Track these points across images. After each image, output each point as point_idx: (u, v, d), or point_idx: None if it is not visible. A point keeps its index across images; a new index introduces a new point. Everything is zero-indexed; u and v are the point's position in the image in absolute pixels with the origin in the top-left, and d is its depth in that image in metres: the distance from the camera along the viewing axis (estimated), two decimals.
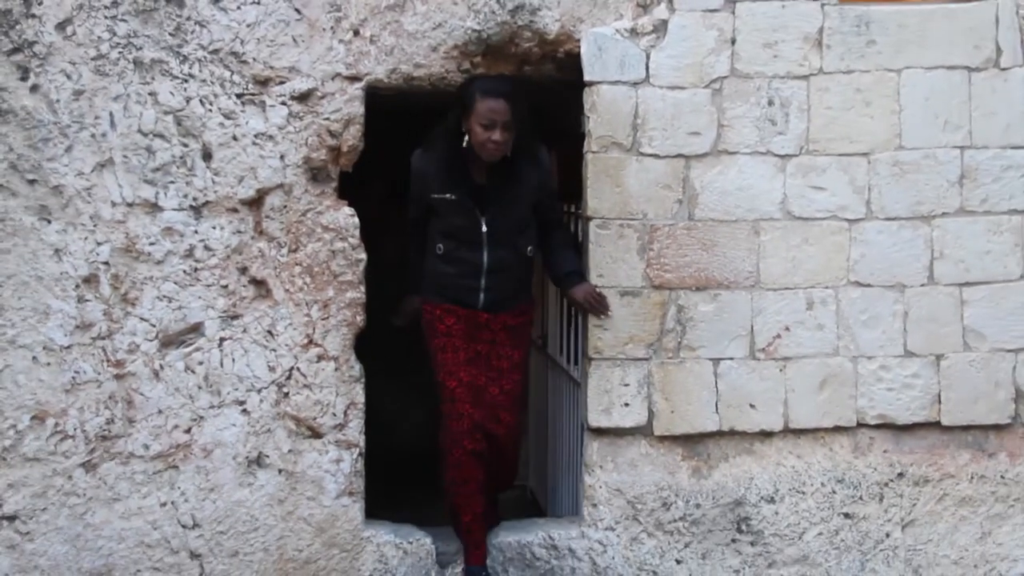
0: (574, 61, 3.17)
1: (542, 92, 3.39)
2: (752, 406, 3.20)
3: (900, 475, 3.23)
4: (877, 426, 3.24)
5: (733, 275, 3.18)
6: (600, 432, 3.20)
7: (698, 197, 3.17)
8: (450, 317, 3.15)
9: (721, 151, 3.16)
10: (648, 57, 3.14)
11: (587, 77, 3.14)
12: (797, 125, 3.17)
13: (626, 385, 3.18)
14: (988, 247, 3.20)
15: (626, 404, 3.18)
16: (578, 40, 3.16)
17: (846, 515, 3.23)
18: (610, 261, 3.17)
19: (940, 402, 3.22)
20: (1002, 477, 3.24)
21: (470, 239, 3.10)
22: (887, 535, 3.24)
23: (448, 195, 3.08)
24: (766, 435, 3.23)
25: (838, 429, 3.23)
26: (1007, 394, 3.23)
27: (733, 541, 3.22)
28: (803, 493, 3.22)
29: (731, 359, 3.19)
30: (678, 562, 3.21)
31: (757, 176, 3.17)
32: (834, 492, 3.22)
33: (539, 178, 3.18)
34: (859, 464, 3.24)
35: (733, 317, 3.18)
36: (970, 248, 3.19)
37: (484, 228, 3.08)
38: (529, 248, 3.20)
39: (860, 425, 3.23)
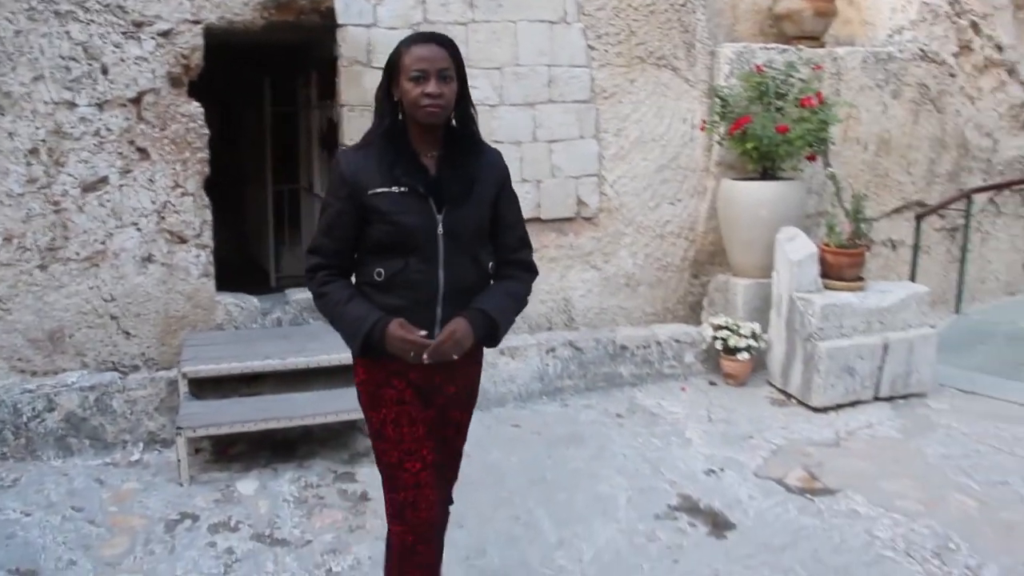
0: (330, 12, 5.22)
1: (312, 30, 5.41)
2: None
3: None
4: None
5: None
6: None
7: None
8: (398, 378, 2.45)
9: None
10: (375, 10, 5.27)
11: (340, 22, 5.21)
12: (462, 48, 5.46)
13: None
14: (563, 120, 5.76)
15: None
16: (331, 1, 5.21)
17: None
18: (354, 130, 5.36)
19: (540, 207, 5.81)
20: (571, 246, 5.94)
21: (422, 248, 2.37)
22: None
23: (394, 188, 2.34)
24: None
25: None
26: (573, 201, 5.89)
27: None
28: None
29: None
30: None
31: None
32: None
33: (496, 171, 2.53)
34: None
35: None
36: (554, 121, 5.74)
37: (441, 229, 2.37)
38: (491, 264, 2.53)
39: None
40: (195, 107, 5.01)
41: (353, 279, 2.53)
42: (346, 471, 4.42)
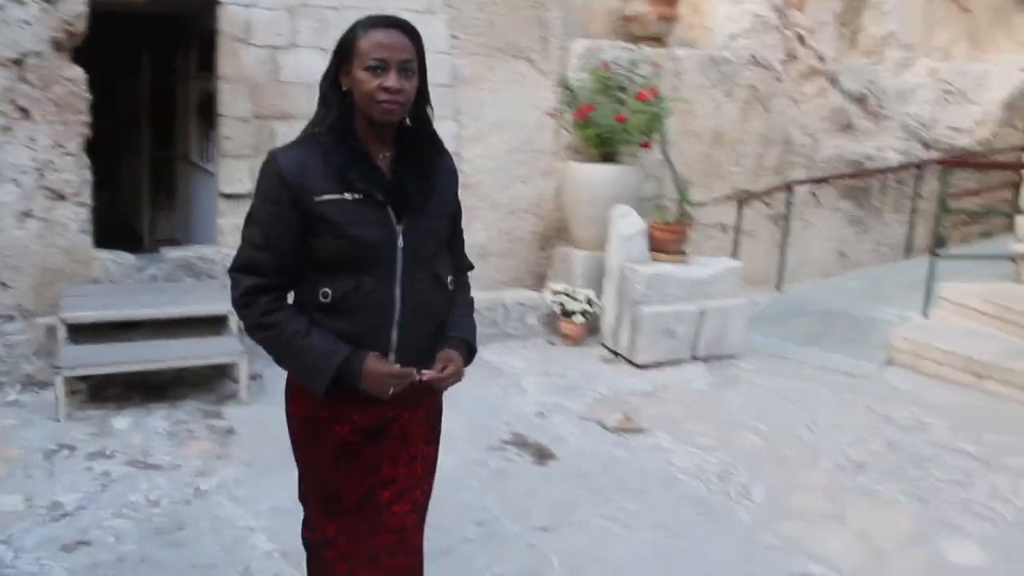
0: None
1: (193, 4, 5.78)
2: None
3: None
4: None
5: (299, 111, 5.91)
6: (228, 196, 5.89)
7: (281, 69, 5.85)
8: (342, 422, 2.14)
9: (293, 45, 5.85)
10: None
11: (220, 0, 5.62)
12: (334, 33, 5.91)
13: (241, 170, 5.87)
14: None
15: (240, 180, 5.89)
16: None
17: None
18: (232, 101, 5.77)
19: None
20: None
21: (378, 264, 2.06)
22: None
23: (346, 194, 2.02)
24: None
25: None
26: None
27: None
28: None
29: None
30: None
31: (313, 59, 5.91)
32: None
33: (453, 178, 2.27)
34: None
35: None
36: None
37: (400, 242, 2.06)
38: (451, 279, 2.25)
39: None
40: (78, 72, 5.33)
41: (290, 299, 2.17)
42: (214, 410, 4.86)
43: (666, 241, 6.03)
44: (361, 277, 2.07)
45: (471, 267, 2.43)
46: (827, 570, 3.50)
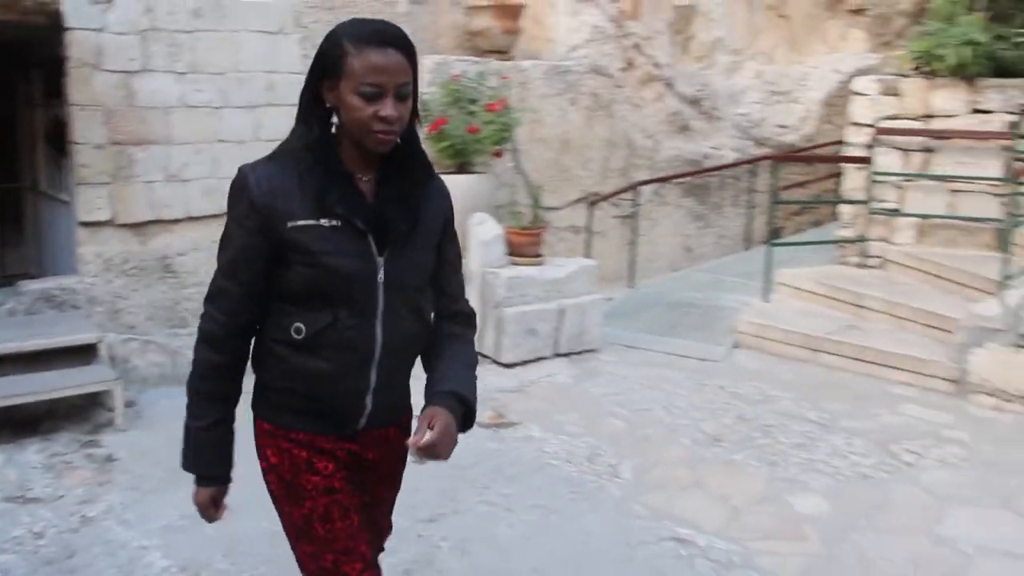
0: (58, 14, 5.55)
1: (36, 30, 5.71)
2: (169, 206, 6.09)
3: None
4: None
5: (156, 136, 5.94)
6: (87, 224, 5.85)
7: (136, 94, 5.85)
8: (326, 460, 1.97)
9: (147, 69, 5.87)
10: (104, 15, 5.67)
11: (68, 25, 5.57)
12: (188, 56, 5.98)
13: (100, 198, 5.84)
14: (283, 122, 6.37)
15: (99, 208, 5.86)
16: (59, 4, 5.56)
17: None
18: (86, 128, 5.73)
19: None
20: None
21: (355, 298, 1.88)
22: None
23: (322, 220, 1.83)
24: (176, 221, 6.15)
25: (213, 216, 6.27)
26: None
27: (160, 278, 6.15)
28: (198, 249, 6.24)
29: (157, 181, 6.01)
30: (135, 290, 6.07)
31: (168, 83, 5.93)
32: None
33: (444, 203, 2.06)
34: None
35: (157, 158, 5.96)
36: (276, 123, 6.37)
37: (381, 276, 1.88)
38: (432, 315, 2.10)
39: (225, 214, 6.30)
40: None
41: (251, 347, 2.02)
42: (91, 439, 4.85)
43: (523, 245, 6.33)
44: (338, 312, 1.87)
45: (473, 313, 2.15)
46: (692, 531, 3.87)
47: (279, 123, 6.35)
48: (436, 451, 1.84)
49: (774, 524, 3.98)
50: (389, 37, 1.84)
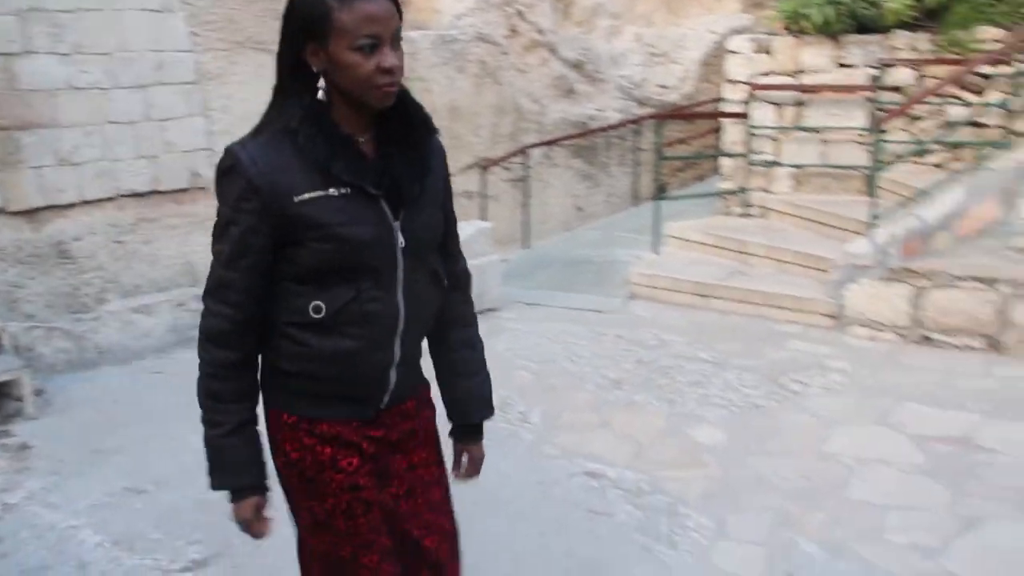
0: None
1: None
2: (61, 191, 6.01)
3: (141, 219, 6.38)
4: (131, 195, 6.30)
5: (43, 119, 5.84)
6: None
7: (18, 77, 5.74)
8: (351, 455, 1.86)
9: (28, 51, 5.76)
10: None
11: None
12: (71, 37, 5.89)
13: None
14: (173, 101, 6.38)
15: None
16: None
17: (118, 242, 6.29)
18: None
19: (158, 180, 6.40)
20: (190, 214, 6.58)
21: (377, 267, 1.77)
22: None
23: (331, 190, 1.71)
24: (71, 206, 6.07)
25: (108, 199, 6.22)
26: (188, 173, 6.54)
27: (56, 264, 6.08)
28: (95, 233, 6.18)
29: (47, 166, 5.92)
30: (31, 278, 5.98)
31: (51, 65, 5.84)
32: (120, 215, 6.24)
33: (444, 160, 1.97)
34: (123, 216, 6.28)
35: (46, 142, 5.86)
36: (166, 101, 6.33)
37: (401, 241, 1.79)
38: (458, 293, 2.05)
39: (120, 196, 6.26)
40: None
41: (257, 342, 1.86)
42: (2, 430, 4.81)
43: None
44: (359, 284, 1.76)
45: (469, 272, 2.09)
46: (602, 466, 4.14)
47: (170, 101, 6.33)
48: (469, 480, 2.12)
49: (676, 454, 4.29)
50: None
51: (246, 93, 6.69)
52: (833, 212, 7.23)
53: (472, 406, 2.09)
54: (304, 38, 1.71)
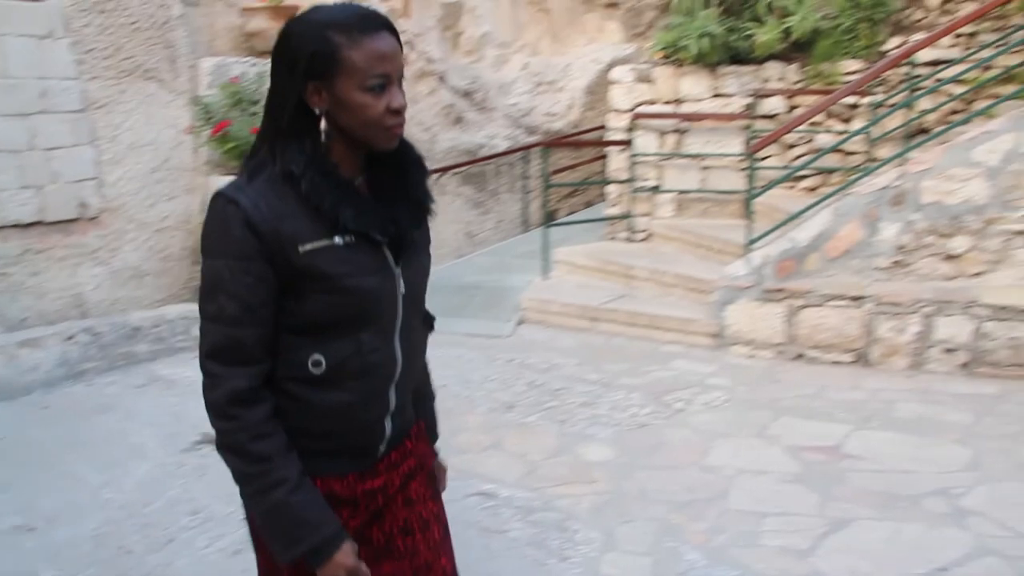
0: None
1: None
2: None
3: (27, 251, 6.25)
4: (15, 226, 6.17)
5: None
6: None
7: None
8: (340, 509, 1.72)
9: None
10: None
11: None
12: None
13: None
14: (59, 129, 6.29)
15: None
16: None
17: (2, 274, 6.15)
18: None
19: (44, 210, 6.27)
20: (78, 245, 6.48)
21: (378, 318, 1.70)
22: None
23: (337, 238, 1.61)
24: None
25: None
26: (76, 203, 6.44)
27: None
28: None
29: None
30: None
31: None
32: (3, 245, 6.09)
33: (432, 200, 1.83)
34: (7, 247, 6.14)
35: None
36: (51, 130, 6.23)
37: (403, 288, 1.72)
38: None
39: (4, 227, 6.12)
40: None
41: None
42: None
43: None
44: (360, 336, 1.67)
45: (433, 319, 1.95)
46: (496, 486, 4.28)
47: (56, 130, 6.25)
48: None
49: (567, 472, 4.46)
50: (380, 19, 1.61)
51: (133, 121, 6.64)
52: (713, 235, 7.59)
53: (435, 425, 2.11)
54: (305, 77, 1.59)
